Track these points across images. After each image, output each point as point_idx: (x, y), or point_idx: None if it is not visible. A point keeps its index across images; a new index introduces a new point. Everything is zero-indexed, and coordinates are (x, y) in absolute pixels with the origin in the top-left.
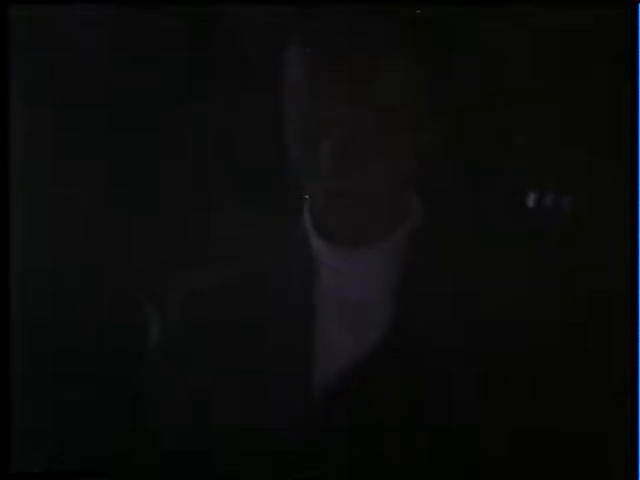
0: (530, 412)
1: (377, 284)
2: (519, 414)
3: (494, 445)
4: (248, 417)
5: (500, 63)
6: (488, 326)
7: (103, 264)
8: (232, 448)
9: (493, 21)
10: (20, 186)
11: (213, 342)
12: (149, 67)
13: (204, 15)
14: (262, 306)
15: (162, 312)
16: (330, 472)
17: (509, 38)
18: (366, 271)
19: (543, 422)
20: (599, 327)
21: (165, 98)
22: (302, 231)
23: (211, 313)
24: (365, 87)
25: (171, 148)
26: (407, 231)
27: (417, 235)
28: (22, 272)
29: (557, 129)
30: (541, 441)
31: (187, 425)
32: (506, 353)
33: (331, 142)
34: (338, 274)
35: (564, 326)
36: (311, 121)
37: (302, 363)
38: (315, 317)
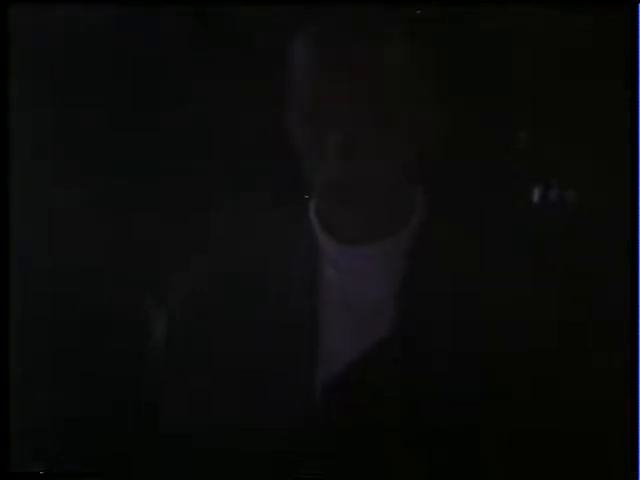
0: (529, 412)
1: (380, 281)
2: (518, 414)
3: (493, 445)
4: (249, 415)
5: (500, 62)
6: (489, 325)
7: (104, 264)
8: (232, 447)
9: (493, 21)
10: (20, 186)
11: (215, 338)
12: (149, 66)
13: (207, 12)
14: (267, 300)
15: (165, 311)
16: (330, 472)
17: (509, 38)
18: (369, 267)
19: (542, 422)
20: (599, 326)
21: (166, 97)
22: (308, 227)
23: (214, 308)
24: (369, 81)
25: (172, 147)
26: (411, 227)
27: (421, 232)
28: (22, 272)
29: (557, 130)
30: (541, 441)
31: (188, 425)
32: (507, 352)
33: (337, 136)
34: (342, 270)
35: (564, 326)
36: (318, 115)
37: (307, 354)
38: (320, 309)
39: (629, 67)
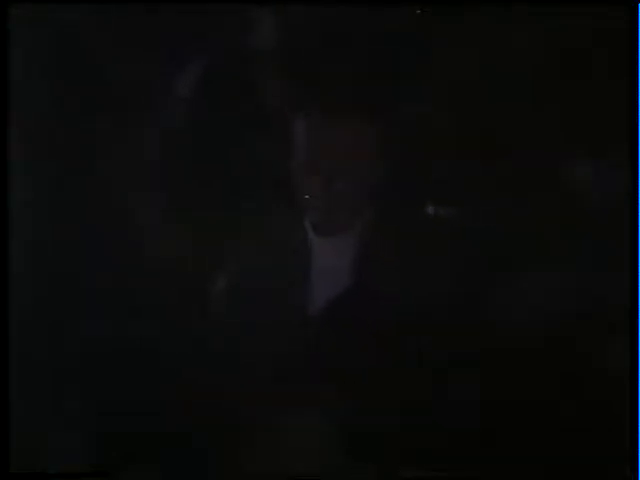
0: (527, 409)
1: (341, 259)
2: (515, 412)
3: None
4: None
5: (495, 62)
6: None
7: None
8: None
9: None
10: (20, 187)
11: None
12: (148, 66)
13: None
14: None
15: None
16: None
17: (508, 37)
18: (335, 251)
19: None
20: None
21: (166, 98)
22: (304, 225)
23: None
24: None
25: (177, 150)
26: (360, 226)
27: (367, 229)
28: (24, 271)
29: (554, 130)
30: (539, 440)
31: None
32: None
33: (320, 177)
34: (319, 251)
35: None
36: (308, 164)
37: (302, 303)
38: (307, 273)
39: (629, 67)
